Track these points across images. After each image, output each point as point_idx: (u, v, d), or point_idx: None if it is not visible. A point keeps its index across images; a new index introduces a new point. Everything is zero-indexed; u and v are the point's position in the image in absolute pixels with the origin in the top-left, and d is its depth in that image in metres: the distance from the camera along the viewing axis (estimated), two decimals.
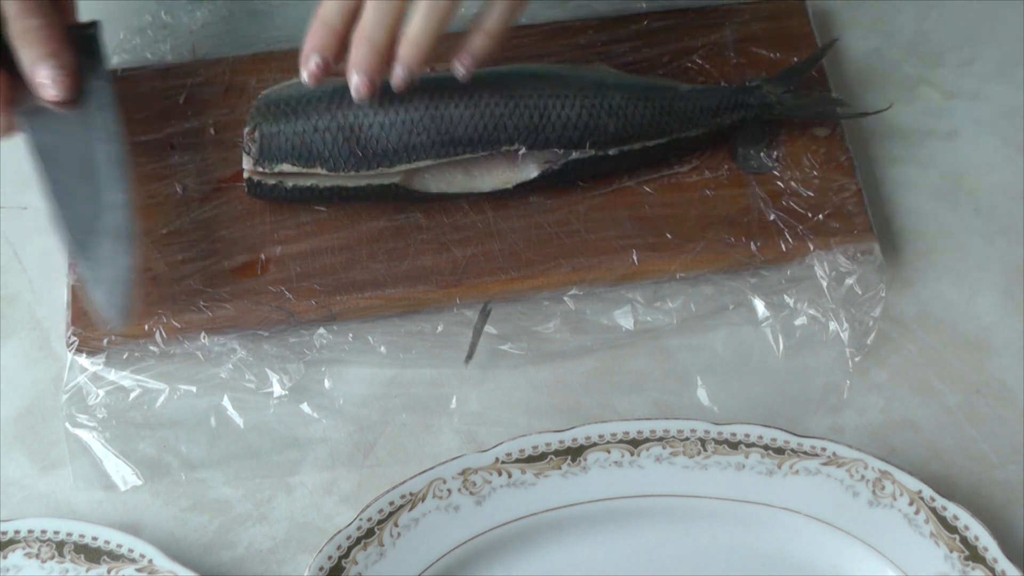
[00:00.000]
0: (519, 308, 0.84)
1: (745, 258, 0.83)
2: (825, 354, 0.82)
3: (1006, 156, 0.89)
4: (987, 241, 0.86)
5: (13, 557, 0.76)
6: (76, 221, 0.78)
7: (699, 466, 0.76)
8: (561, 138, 0.83)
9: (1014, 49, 0.94)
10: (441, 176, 0.84)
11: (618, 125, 0.84)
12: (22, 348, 0.85)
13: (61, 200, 0.78)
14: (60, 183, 0.79)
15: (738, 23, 0.92)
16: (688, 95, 0.86)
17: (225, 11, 0.95)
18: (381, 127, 0.82)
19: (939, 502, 0.75)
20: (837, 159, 0.87)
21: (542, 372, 0.83)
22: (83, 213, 0.78)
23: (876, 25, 0.95)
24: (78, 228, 0.78)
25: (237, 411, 0.81)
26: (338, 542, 0.75)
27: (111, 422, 0.81)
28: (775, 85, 0.87)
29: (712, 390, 0.82)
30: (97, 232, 0.77)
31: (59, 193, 0.78)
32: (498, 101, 0.82)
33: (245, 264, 0.84)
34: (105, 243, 0.77)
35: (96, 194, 0.78)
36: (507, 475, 0.76)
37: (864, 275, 0.83)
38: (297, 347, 0.82)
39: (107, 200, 0.78)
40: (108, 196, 0.78)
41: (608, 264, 0.83)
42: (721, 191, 0.86)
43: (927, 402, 0.81)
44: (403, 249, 0.84)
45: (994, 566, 0.73)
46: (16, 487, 0.80)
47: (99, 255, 0.77)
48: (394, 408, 0.82)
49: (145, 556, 0.75)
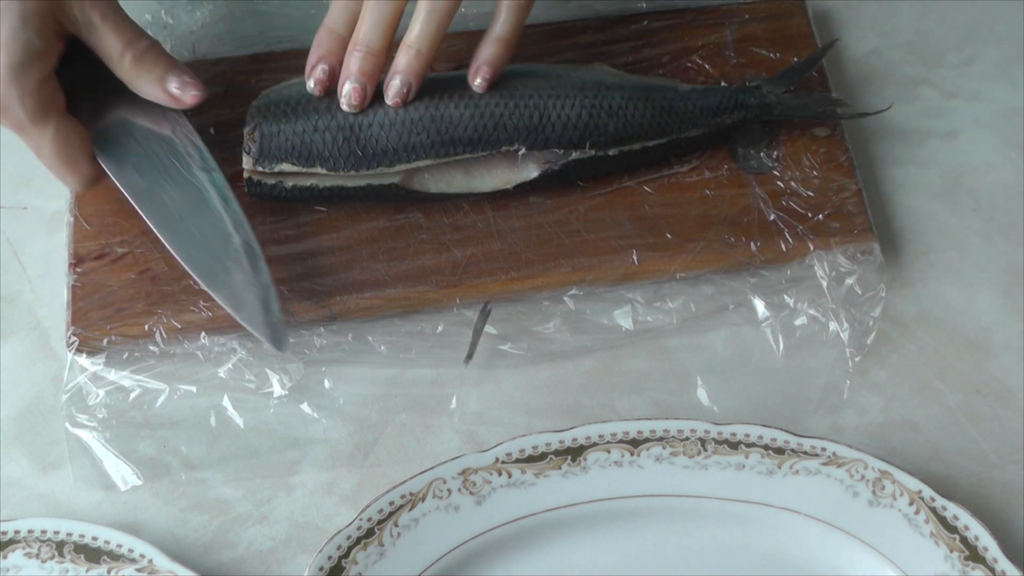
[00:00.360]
0: (519, 308, 0.84)
1: (745, 258, 0.83)
2: (825, 354, 0.82)
3: (1006, 156, 0.89)
4: (987, 241, 0.86)
5: (13, 557, 0.76)
6: (200, 256, 0.79)
7: (699, 466, 0.76)
8: (561, 138, 0.83)
9: (1014, 49, 0.94)
10: (441, 176, 0.84)
11: (618, 125, 0.84)
12: (22, 348, 0.85)
13: (178, 241, 0.79)
14: (169, 223, 0.80)
15: (738, 23, 0.92)
16: (688, 95, 0.86)
17: (225, 11, 0.95)
18: (380, 127, 0.82)
19: (939, 502, 0.75)
20: (837, 159, 0.87)
21: (542, 372, 0.83)
22: (204, 247, 0.79)
23: (876, 25, 0.95)
24: (204, 263, 0.79)
25: (237, 411, 0.81)
26: (338, 542, 0.75)
27: (111, 422, 0.81)
28: (775, 85, 0.87)
29: (712, 390, 0.82)
30: (226, 261, 0.79)
31: (173, 234, 0.79)
32: (498, 101, 0.82)
33: None
34: (237, 269, 0.78)
35: (211, 224, 0.80)
36: (507, 475, 0.76)
37: (864, 275, 0.83)
38: (297, 347, 0.82)
39: (223, 226, 0.80)
40: (223, 222, 0.80)
41: (608, 264, 0.83)
42: (721, 191, 0.86)
43: (927, 402, 0.81)
44: (403, 249, 0.84)
45: (994, 566, 0.73)
46: (16, 487, 0.80)
47: (234, 282, 0.78)
48: (394, 408, 0.82)
49: (145, 556, 0.75)
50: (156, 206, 0.80)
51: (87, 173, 0.81)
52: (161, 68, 0.80)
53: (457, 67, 0.87)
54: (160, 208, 0.80)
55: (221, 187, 0.81)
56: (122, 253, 0.85)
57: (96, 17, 0.78)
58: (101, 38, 0.79)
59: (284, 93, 0.84)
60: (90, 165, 0.81)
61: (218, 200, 0.80)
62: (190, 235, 0.79)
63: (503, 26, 0.82)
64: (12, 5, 0.74)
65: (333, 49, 0.82)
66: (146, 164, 0.81)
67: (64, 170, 0.80)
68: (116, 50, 0.79)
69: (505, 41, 0.82)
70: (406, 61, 0.81)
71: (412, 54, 0.80)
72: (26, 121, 0.77)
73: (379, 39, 0.80)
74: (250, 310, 0.78)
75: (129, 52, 0.79)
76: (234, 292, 0.78)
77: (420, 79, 0.81)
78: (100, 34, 0.79)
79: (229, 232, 0.80)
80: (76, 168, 0.80)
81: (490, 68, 0.82)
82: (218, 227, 0.80)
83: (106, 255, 0.84)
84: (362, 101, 0.81)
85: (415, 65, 0.81)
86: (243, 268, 0.79)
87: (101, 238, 0.85)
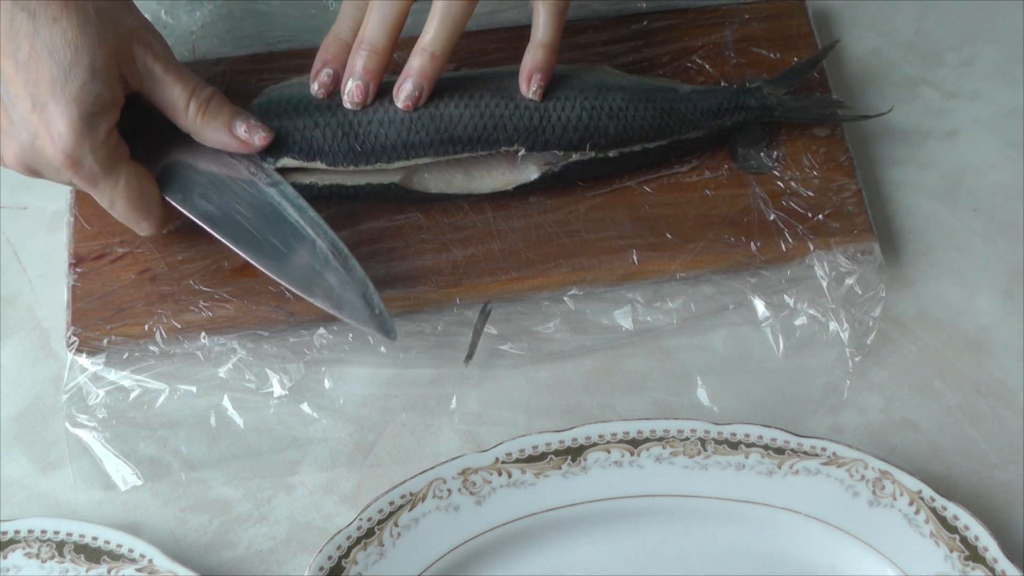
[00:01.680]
0: (519, 308, 0.84)
1: (745, 258, 0.83)
2: (825, 354, 0.82)
3: (1006, 156, 0.89)
4: (987, 241, 0.86)
5: (13, 557, 0.76)
6: (290, 267, 0.79)
7: (699, 466, 0.76)
8: (561, 140, 0.83)
9: (1014, 49, 0.94)
10: (441, 177, 0.84)
11: (618, 127, 0.84)
12: (22, 348, 0.85)
13: (265, 258, 0.79)
14: (250, 243, 0.80)
15: (738, 23, 0.92)
16: (688, 96, 0.86)
17: (225, 11, 0.94)
18: (380, 124, 0.82)
19: (939, 502, 0.75)
20: (837, 159, 0.87)
21: (542, 372, 0.83)
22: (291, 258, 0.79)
23: (876, 25, 0.95)
24: (296, 274, 0.79)
25: (237, 411, 0.81)
26: (338, 542, 0.75)
27: (111, 422, 0.81)
28: (776, 87, 0.87)
29: (712, 390, 0.82)
30: (316, 266, 0.79)
31: (258, 253, 0.80)
32: (498, 102, 0.82)
33: (245, 264, 0.84)
34: (329, 272, 0.79)
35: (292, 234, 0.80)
36: (507, 475, 0.76)
37: (864, 275, 0.83)
38: (297, 347, 0.82)
39: (306, 234, 0.80)
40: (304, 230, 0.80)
41: (608, 264, 0.83)
42: (721, 191, 0.86)
43: (927, 402, 0.81)
44: (403, 249, 0.84)
45: (994, 566, 0.73)
46: (16, 487, 0.80)
47: (330, 284, 0.79)
48: (394, 408, 0.82)
49: (145, 556, 0.75)
50: (234, 229, 0.80)
51: (160, 215, 0.81)
52: (227, 115, 0.80)
53: (457, 67, 0.87)
54: (238, 230, 0.80)
55: (292, 197, 0.81)
56: (122, 253, 0.85)
57: (159, 69, 0.78)
58: (165, 89, 0.79)
59: (285, 92, 0.84)
60: (161, 207, 0.81)
61: (293, 210, 0.81)
62: (275, 250, 0.80)
63: (545, 31, 0.82)
64: (82, 59, 0.74)
65: (338, 55, 0.82)
66: (212, 192, 0.81)
67: (139, 217, 0.80)
68: (182, 100, 0.79)
69: (550, 45, 0.82)
70: (419, 64, 0.81)
71: (426, 57, 0.81)
72: (99, 173, 0.77)
73: (383, 39, 0.80)
74: (352, 308, 0.78)
75: (194, 101, 0.79)
76: (333, 294, 0.79)
77: (433, 83, 0.81)
78: (163, 85, 0.79)
79: (312, 238, 0.80)
80: (150, 213, 0.80)
81: (542, 74, 0.82)
82: (300, 235, 0.80)
83: (106, 255, 0.84)
84: (364, 98, 0.81)
85: (428, 68, 0.81)
86: (335, 269, 0.79)
87: (101, 238, 0.85)
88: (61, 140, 0.75)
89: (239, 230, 0.80)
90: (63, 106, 0.74)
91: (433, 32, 0.80)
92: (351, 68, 0.81)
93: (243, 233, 0.80)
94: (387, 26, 0.80)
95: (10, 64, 0.74)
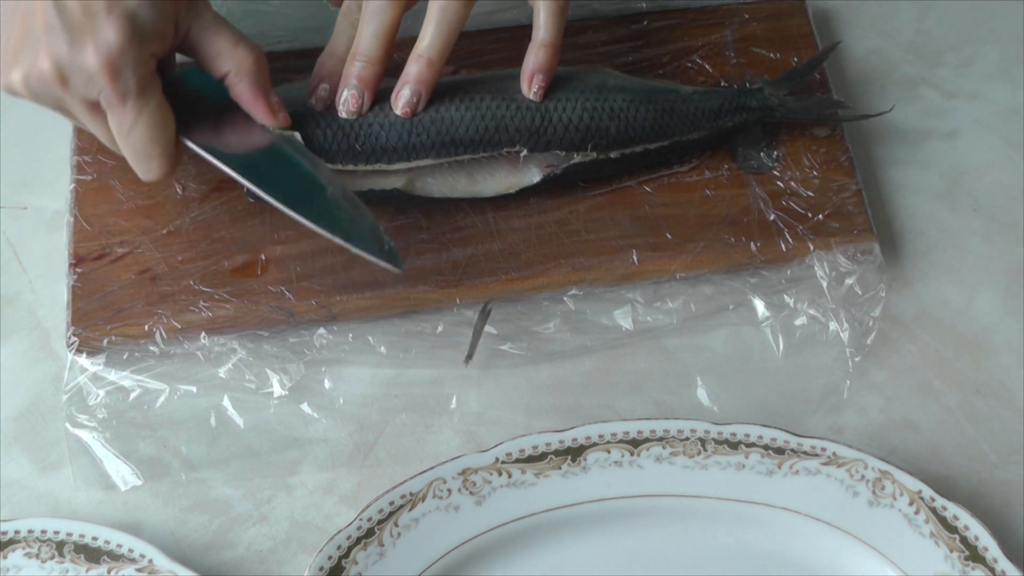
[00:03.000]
0: (519, 308, 0.84)
1: (745, 258, 0.83)
2: (825, 354, 0.82)
3: (1006, 156, 0.89)
4: (987, 241, 0.86)
5: (13, 557, 0.76)
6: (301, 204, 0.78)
7: (699, 466, 0.76)
8: (562, 140, 0.83)
9: (1014, 49, 0.94)
10: (444, 181, 0.84)
11: (619, 128, 0.84)
12: (22, 348, 0.85)
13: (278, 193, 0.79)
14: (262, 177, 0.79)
15: (738, 23, 0.92)
16: (690, 97, 0.86)
17: (225, 11, 0.94)
18: (381, 127, 0.81)
19: (939, 502, 0.75)
20: (837, 159, 0.87)
21: (542, 372, 0.83)
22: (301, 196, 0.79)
23: (876, 25, 0.95)
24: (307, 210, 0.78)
25: (237, 411, 0.81)
26: (338, 542, 0.75)
27: (111, 422, 0.81)
28: (777, 87, 0.87)
29: (712, 390, 0.82)
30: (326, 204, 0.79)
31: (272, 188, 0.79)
32: (499, 103, 0.82)
33: (245, 264, 0.84)
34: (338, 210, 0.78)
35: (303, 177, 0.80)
36: (507, 475, 0.76)
37: (864, 275, 0.83)
38: (297, 347, 0.82)
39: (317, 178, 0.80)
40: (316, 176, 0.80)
41: (608, 264, 0.83)
42: (721, 191, 0.86)
43: (927, 402, 0.81)
44: (403, 249, 0.84)
45: (994, 566, 0.73)
46: (16, 487, 0.80)
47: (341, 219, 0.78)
48: (394, 408, 0.82)
49: (145, 556, 0.75)
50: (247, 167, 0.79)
51: (172, 156, 0.79)
52: (266, 79, 0.80)
53: (455, 71, 0.87)
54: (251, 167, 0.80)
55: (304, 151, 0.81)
56: (122, 253, 0.85)
57: (210, 15, 0.78)
58: (214, 35, 0.79)
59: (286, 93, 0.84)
60: (175, 148, 0.79)
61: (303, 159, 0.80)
62: (286, 188, 0.79)
63: (546, 31, 0.82)
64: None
65: (335, 70, 0.83)
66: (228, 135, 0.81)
67: (154, 150, 0.78)
68: (243, 60, 0.79)
69: (552, 45, 0.82)
70: (416, 71, 0.81)
71: (423, 63, 0.81)
72: (132, 89, 0.75)
73: (377, 49, 0.81)
74: (362, 240, 0.78)
75: (252, 64, 0.79)
76: (343, 227, 0.78)
77: (431, 89, 0.81)
78: (213, 31, 0.78)
79: (323, 184, 0.80)
80: (165, 150, 0.78)
81: (543, 75, 0.82)
82: (312, 179, 0.80)
83: (106, 255, 0.84)
84: (359, 107, 0.82)
85: (426, 74, 0.81)
86: (345, 210, 0.79)
87: (101, 238, 0.85)
88: (107, 46, 0.74)
89: (252, 168, 0.79)
90: (116, 18, 0.74)
91: (429, 37, 0.80)
92: (346, 78, 0.81)
93: (255, 171, 0.79)
94: (380, 36, 0.80)
95: None
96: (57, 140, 0.90)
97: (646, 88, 0.86)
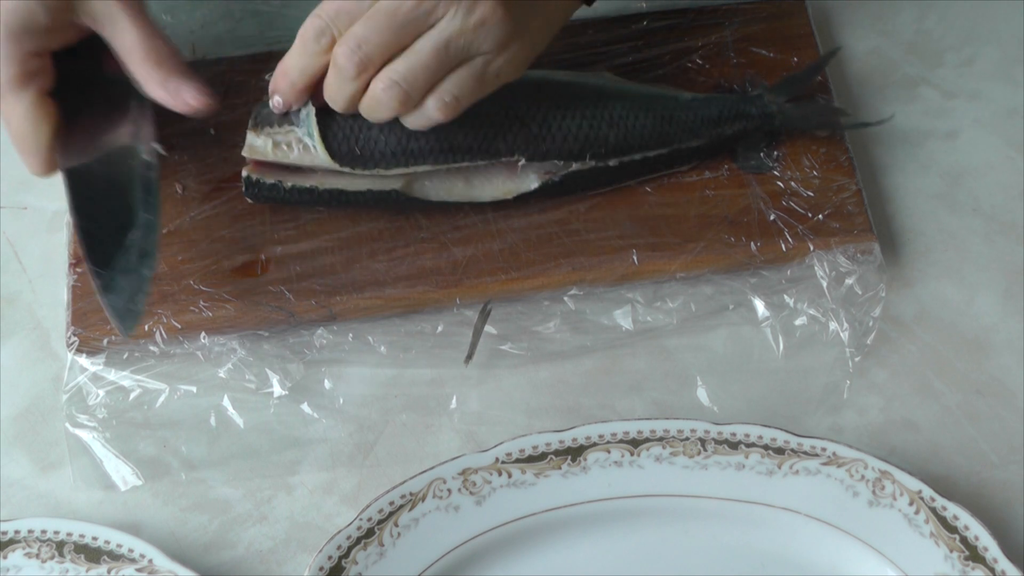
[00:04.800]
0: (519, 308, 0.84)
1: (745, 258, 0.83)
2: (825, 354, 0.82)
3: (1006, 156, 0.89)
4: (987, 241, 0.86)
5: (13, 557, 0.76)
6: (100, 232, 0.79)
7: (699, 466, 0.76)
8: (561, 150, 0.83)
9: (1014, 49, 0.94)
10: (441, 185, 0.84)
11: (618, 136, 0.84)
12: (22, 348, 0.85)
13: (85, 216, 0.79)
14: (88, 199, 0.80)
15: (738, 23, 0.92)
16: (689, 104, 0.86)
17: (225, 11, 0.95)
18: (380, 130, 0.81)
19: (939, 502, 0.75)
20: (837, 159, 0.87)
21: (542, 372, 0.83)
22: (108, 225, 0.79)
23: (876, 25, 0.95)
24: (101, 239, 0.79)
25: (237, 411, 0.81)
26: (338, 542, 0.75)
27: (111, 422, 0.81)
28: (777, 94, 0.87)
29: (712, 390, 0.82)
30: (120, 244, 0.78)
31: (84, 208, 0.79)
32: (498, 111, 0.82)
33: (245, 264, 0.84)
34: (127, 255, 0.78)
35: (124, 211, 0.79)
36: (507, 475, 0.76)
37: (864, 275, 0.83)
38: (297, 347, 0.82)
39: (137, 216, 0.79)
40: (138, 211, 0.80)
41: (608, 264, 0.83)
42: (721, 191, 0.86)
43: (927, 402, 0.81)
44: (403, 249, 0.84)
45: (994, 566, 0.73)
46: (16, 487, 0.80)
47: (119, 265, 0.78)
48: (394, 408, 0.82)
49: (145, 556, 0.75)
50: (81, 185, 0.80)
51: (43, 160, 0.80)
52: (176, 70, 0.80)
53: None
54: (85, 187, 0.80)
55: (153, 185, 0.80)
56: None
57: (116, 8, 0.78)
58: (120, 30, 0.79)
59: None
60: (47, 154, 0.80)
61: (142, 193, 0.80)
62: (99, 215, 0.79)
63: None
64: None
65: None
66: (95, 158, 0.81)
67: (19, 148, 0.80)
68: (133, 44, 0.79)
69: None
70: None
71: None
72: (4, 85, 0.77)
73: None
74: (116, 292, 0.78)
75: (142, 48, 0.79)
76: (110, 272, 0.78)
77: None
78: (119, 26, 0.78)
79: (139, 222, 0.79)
80: (33, 153, 0.79)
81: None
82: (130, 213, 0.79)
83: None
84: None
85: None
86: (133, 258, 0.78)
87: None
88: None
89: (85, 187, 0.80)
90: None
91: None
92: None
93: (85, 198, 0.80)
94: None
95: None
96: None
97: (645, 95, 0.86)
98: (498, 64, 0.77)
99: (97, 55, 0.82)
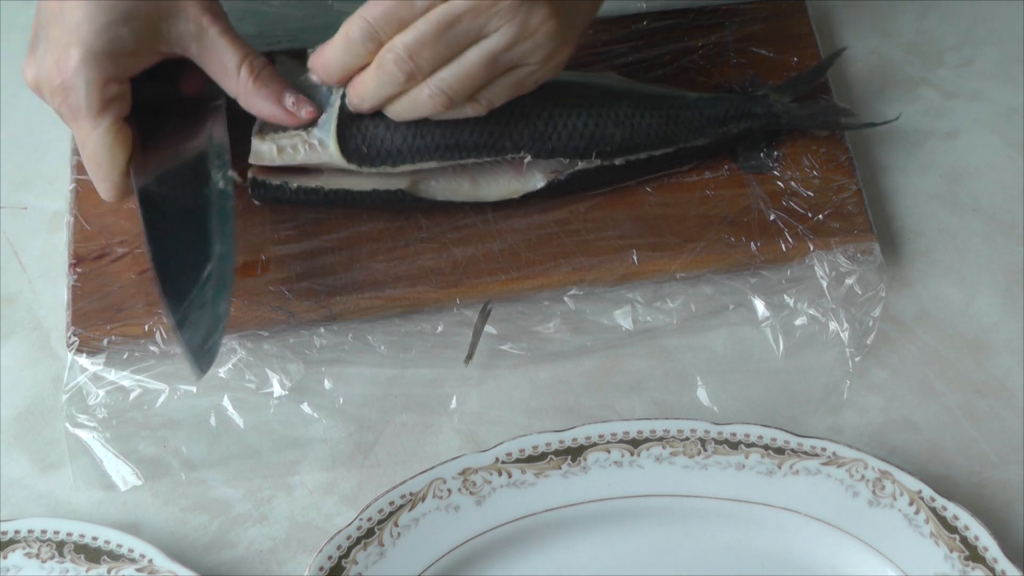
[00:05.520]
0: (519, 308, 0.84)
1: (745, 258, 0.83)
2: (825, 354, 0.82)
3: (1006, 156, 0.89)
4: (987, 241, 0.86)
5: (13, 557, 0.76)
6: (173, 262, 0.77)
7: (699, 466, 0.76)
8: (567, 147, 0.83)
9: (1014, 49, 0.94)
10: (447, 184, 0.84)
11: (624, 135, 0.84)
12: (22, 348, 0.85)
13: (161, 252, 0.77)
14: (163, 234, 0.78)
15: (738, 23, 0.92)
16: (695, 104, 0.86)
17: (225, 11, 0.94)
18: (387, 127, 0.81)
19: (939, 502, 0.75)
20: (837, 159, 0.87)
21: (542, 372, 0.83)
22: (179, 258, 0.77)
23: (876, 25, 0.95)
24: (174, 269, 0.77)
25: (237, 411, 0.81)
26: (338, 542, 0.75)
27: (111, 422, 0.81)
28: (781, 94, 0.87)
29: (712, 390, 0.82)
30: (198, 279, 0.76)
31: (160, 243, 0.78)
32: (504, 108, 0.82)
33: (245, 264, 0.84)
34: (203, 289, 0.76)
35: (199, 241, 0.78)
36: (507, 475, 0.76)
37: (864, 275, 0.83)
38: (297, 347, 0.82)
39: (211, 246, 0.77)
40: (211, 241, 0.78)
41: (608, 264, 0.83)
42: (721, 191, 0.86)
43: (927, 402, 0.81)
44: (403, 249, 0.84)
45: (994, 566, 0.73)
46: (16, 487, 0.80)
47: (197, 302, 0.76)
48: (394, 408, 0.82)
49: (145, 556, 0.75)
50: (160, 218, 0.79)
51: (118, 186, 0.79)
52: (277, 85, 0.80)
53: None
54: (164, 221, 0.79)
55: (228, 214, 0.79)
56: (122, 253, 0.85)
57: (214, 31, 0.78)
58: (217, 51, 0.78)
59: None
60: (123, 179, 0.79)
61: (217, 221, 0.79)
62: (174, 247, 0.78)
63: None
64: (119, 5, 0.74)
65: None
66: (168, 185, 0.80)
67: (95, 174, 0.79)
68: (233, 64, 0.78)
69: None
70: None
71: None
72: (82, 110, 0.76)
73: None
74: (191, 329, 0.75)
75: (247, 67, 0.79)
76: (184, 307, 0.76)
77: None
78: (216, 47, 0.78)
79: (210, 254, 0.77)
80: (107, 178, 0.79)
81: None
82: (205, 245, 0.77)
83: (106, 255, 0.84)
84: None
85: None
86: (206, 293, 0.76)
87: (101, 238, 0.85)
88: (64, 64, 0.75)
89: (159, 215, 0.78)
90: (84, 35, 0.74)
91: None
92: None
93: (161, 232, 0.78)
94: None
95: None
96: (57, 140, 0.90)
97: (651, 94, 0.86)
98: (541, 73, 0.77)
99: (174, 76, 0.82)
